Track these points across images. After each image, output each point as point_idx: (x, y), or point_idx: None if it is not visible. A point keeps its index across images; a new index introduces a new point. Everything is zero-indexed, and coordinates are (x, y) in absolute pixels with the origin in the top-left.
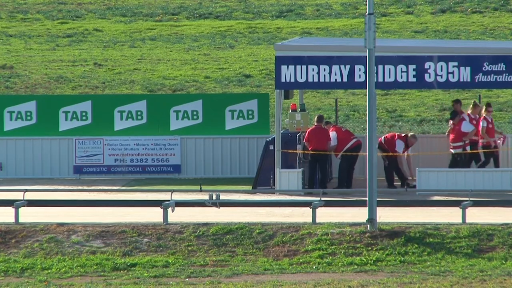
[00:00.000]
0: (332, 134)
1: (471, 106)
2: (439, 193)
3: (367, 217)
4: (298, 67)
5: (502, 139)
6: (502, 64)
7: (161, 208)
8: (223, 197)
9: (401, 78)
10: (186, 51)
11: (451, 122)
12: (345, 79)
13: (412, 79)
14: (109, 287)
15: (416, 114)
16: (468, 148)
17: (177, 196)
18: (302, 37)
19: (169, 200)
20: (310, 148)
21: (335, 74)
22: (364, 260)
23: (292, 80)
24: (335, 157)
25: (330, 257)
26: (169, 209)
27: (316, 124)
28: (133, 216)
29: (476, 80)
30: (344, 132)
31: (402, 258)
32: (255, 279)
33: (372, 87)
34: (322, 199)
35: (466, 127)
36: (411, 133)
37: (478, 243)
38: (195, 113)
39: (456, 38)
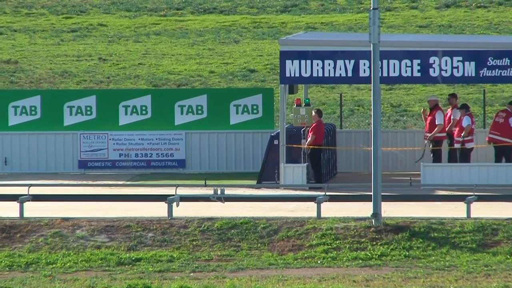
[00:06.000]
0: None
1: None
2: (444, 188)
3: (372, 212)
4: (303, 61)
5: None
6: (506, 59)
7: (165, 202)
8: (228, 191)
9: (406, 72)
10: (191, 46)
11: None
12: (349, 74)
13: (416, 73)
14: (113, 282)
15: (421, 108)
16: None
17: (182, 191)
18: (307, 32)
19: (173, 195)
20: (316, 143)
21: (340, 69)
22: (369, 254)
23: (297, 74)
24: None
25: (335, 252)
26: (174, 204)
27: (319, 118)
28: (137, 210)
29: (481, 75)
30: None
31: (407, 253)
32: (259, 273)
33: (377, 81)
34: (327, 193)
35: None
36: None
37: (482, 238)
38: (199, 107)
39: (461, 33)
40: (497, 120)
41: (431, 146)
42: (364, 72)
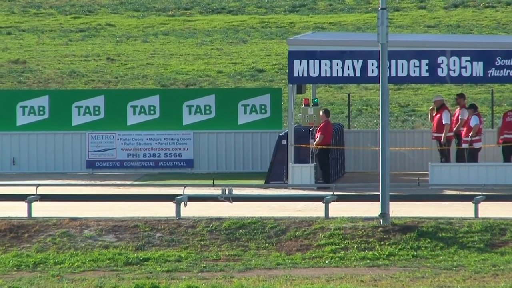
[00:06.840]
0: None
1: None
2: (452, 188)
3: (380, 212)
4: (311, 61)
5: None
6: None
7: (173, 202)
8: (236, 191)
9: (414, 72)
10: (199, 45)
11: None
12: (358, 74)
13: (424, 73)
14: (121, 282)
15: (429, 107)
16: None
17: (190, 191)
18: (315, 32)
19: (181, 195)
20: (324, 143)
21: (348, 69)
22: (377, 254)
23: (305, 74)
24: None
25: (343, 252)
26: (182, 204)
27: (327, 118)
28: (145, 210)
29: (489, 75)
30: None
31: (415, 253)
32: (267, 273)
33: (385, 81)
34: (335, 193)
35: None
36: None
37: (490, 237)
38: (207, 107)
39: (469, 32)
40: (509, 120)
41: (438, 146)
42: (372, 72)
